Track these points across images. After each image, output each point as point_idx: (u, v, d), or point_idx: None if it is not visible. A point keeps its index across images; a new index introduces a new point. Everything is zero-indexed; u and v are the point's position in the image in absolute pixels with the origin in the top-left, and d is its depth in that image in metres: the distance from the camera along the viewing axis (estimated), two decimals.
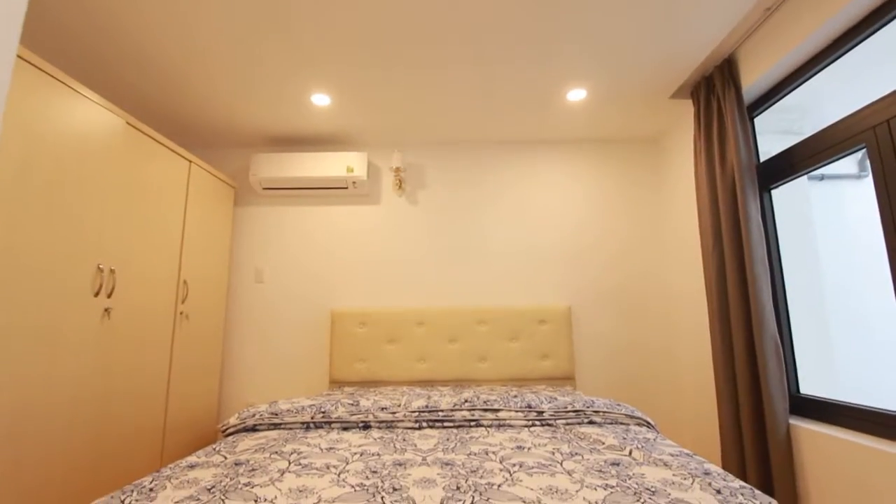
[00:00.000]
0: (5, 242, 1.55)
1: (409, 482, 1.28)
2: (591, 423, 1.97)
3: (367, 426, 1.95)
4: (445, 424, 1.97)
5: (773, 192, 2.22)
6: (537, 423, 1.97)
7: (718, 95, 2.27)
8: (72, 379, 1.81)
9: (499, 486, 1.25)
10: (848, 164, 2.53)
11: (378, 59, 2.27)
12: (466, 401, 2.06)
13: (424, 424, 1.97)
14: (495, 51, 2.20)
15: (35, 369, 1.66)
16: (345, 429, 1.93)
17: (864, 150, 1.73)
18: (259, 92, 2.56)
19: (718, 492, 1.18)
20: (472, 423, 1.98)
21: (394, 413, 1.99)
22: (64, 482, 1.76)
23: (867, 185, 2.47)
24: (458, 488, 1.23)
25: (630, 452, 1.53)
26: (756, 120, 2.33)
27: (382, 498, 1.17)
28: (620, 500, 1.14)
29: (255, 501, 1.15)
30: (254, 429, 1.95)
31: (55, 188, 1.75)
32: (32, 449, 1.64)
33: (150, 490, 1.23)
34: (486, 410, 2.02)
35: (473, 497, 1.17)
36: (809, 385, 2.04)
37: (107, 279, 2.00)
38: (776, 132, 2.31)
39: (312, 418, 1.97)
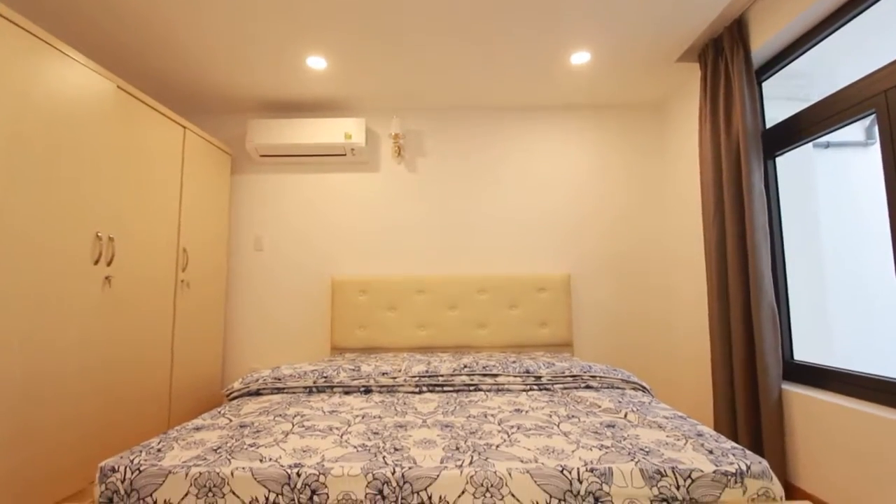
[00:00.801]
0: (1, 211, 1.54)
1: (410, 443, 1.32)
2: (587, 387, 2.01)
3: (368, 390, 2.00)
4: (445, 389, 2.01)
5: (778, 159, 2.19)
6: (535, 387, 2.01)
7: (727, 58, 2.21)
8: (78, 347, 1.83)
9: (497, 446, 1.28)
10: (855, 131, 2.48)
11: (374, 22, 2.18)
12: (466, 366, 2.10)
13: (424, 389, 2.01)
14: (497, 12, 2.12)
15: (41, 338, 1.67)
16: (346, 393, 1.97)
17: (872, 118, 1.69)
18: (254, 54, 2.48)
19: (711, 452, 1.21)
20: (472, 388, 2.02)
21: (394, 378, 2.03)
22: (76, 445, 1.81)
23: (873, 153, 2.43)
24: (457, 448, 1.27)
25: (625, 415, 1.57)
26: (763, 85, 2.27)
27: (384, 458, 1.20)
28: (615, 459, 1.17)
29: (261, 461, 1.18)
30: (257, 393, 2.00)
31: (48, 155, 1.72)
32: (45, 414, 1.68)
33: (158, 451, 1.26)
34: (485, 375, 2.06)
35: (472, 457, 1.20)
36: (804, 351, 2.07)
37: (106, 247, 1.99)
38: (783, 98, 2.26)
39: (315, 383, 2.01)
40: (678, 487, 1.09)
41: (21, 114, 1.61)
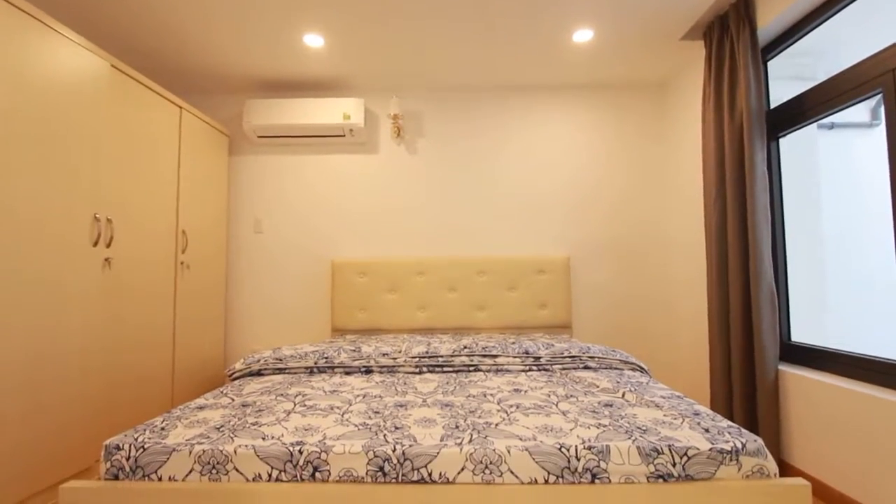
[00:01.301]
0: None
1: (410, 421, 1.34)
2: (586, 367, 2.03)
3: (368, 371, 2.01)
4: (445, 369, 2.03)
5: (781, 140, 2.17)
6: (534, 368, 2.03)
7: (732, 37, 2.16)
8: (79, 329, 1.84)
9: (496, 425, 1.30)
10: (860, 111, 2.45)
11: None
12: (465, 347, 2.11)
13: (424, 369, 2.03)
14: None
15: (43, 320, 1.68)
16: (347, 373, 1.99)
17: (878, 98, 1.67)
18: (251, 31, 2.43)
19: (707, 430, 1.23)
20: (471, 368, 2.04)
21: (395, 359, 2.04)
22: (82, 425, 1.83)
23: (878, 134, 2.40)
24: (457, 427, 1.29)
25: (623, 395, 1.58)
26: (769, 64, 2.24)
27: (385, 436, 1.22)
28: (613, 437, 1.19)
29: (263, 439, 1.20)
30: (259, 373, 2.01)
31: (43, 135, 1.69)
32: (50, 395, 1.70)
33: (162, 429, 1.28)
34: (484, 356, 2.07)
35: (472, 435, 1.22)
36: (802, 333, 2.08)
37: (104, 229, 1.99)
38: (788, 78, 2.22)
39: (316, 363, 2.03)
40: (674, 465, 1.11)
41: (13, 93, 1.59)
